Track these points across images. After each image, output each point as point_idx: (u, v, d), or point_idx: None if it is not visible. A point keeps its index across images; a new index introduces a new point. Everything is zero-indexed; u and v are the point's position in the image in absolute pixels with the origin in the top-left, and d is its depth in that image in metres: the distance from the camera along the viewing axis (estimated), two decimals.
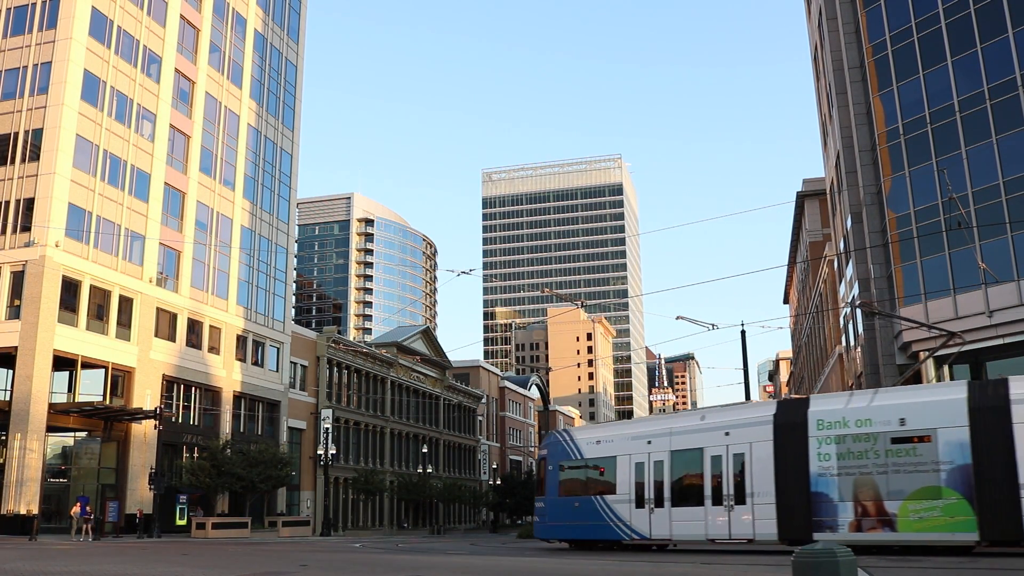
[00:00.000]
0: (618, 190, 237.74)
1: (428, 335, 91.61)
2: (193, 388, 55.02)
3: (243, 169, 62.00)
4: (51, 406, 44.24)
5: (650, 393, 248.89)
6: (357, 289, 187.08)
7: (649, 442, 27.28)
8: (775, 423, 24.06)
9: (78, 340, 45.68)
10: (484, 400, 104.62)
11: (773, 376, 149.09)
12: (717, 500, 24.89)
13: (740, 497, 24.37)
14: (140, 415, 47.10)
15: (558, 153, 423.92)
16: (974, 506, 20.21)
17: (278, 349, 64.22)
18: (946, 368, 38.58)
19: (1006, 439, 20.01)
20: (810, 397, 24.79)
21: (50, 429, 44.69)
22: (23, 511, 41.67)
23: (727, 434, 25.08)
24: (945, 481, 20.76)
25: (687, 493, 25.83)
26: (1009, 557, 19.59)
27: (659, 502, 26.47)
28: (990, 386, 21.24)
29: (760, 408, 25.29)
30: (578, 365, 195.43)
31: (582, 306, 65.74)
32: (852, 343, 47.75)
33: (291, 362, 65.69)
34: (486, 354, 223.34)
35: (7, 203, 46.17)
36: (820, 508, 22.63)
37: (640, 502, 27.01)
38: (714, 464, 25.19)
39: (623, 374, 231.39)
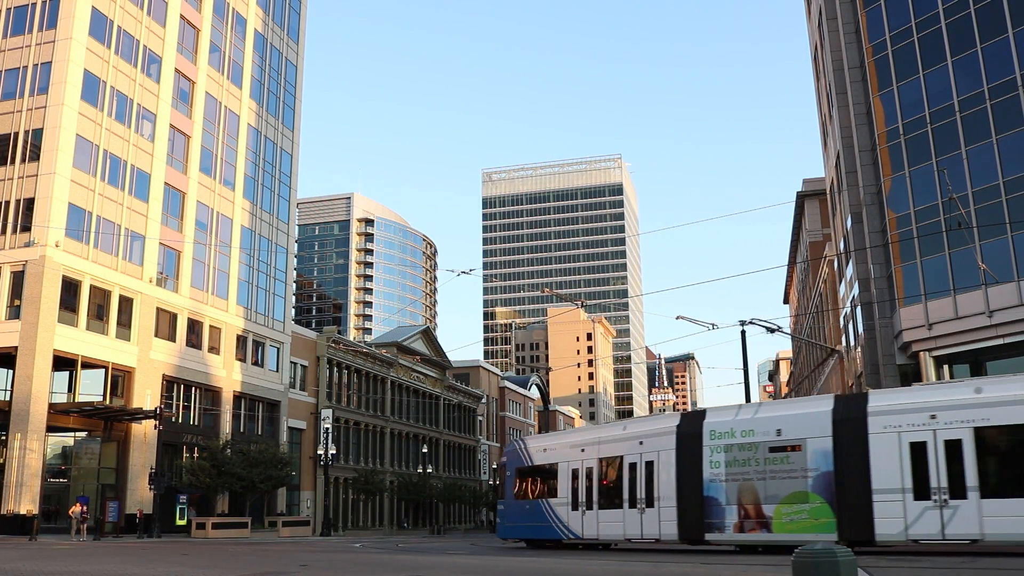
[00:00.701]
0: (618, 190, 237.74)
1: (428, 335, 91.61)
2: (193, 388, 55.02)
3: (243, 169, 62.00)
4: (51, 406, 44.24)
5: (650, 393, 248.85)
6: (357, 289, 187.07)
7: (583, 450, 29.84)
8: (677, 433, 26.22)
9: (78, 340, 45.68)
10: (484, 400, 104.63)
11: (773, 376, 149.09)
12: (632, 503, 27.21)
13: (650, 500, 26.63)
14: (140, 415, 47.09)
15: (558, 153, 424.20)
16: (834, 509, 22.24)
17: (278, 349, 64.22)
18: (946, 368, 38.63)
19: (862, 449, 21.89)
20: (707, 409, 26.52)
21: (50, 429, 44.69)
22: (23, 511, 41.67)
23: (641, 443, 27.40)
24: (811, 487, 22.75)
25: (610, 497, 28.24)
26: (1009, 557, 19.60)
27: (589, 505, 29.02)
28: (853, 400, 23.17)
29: (668, 420, 27.36)
30: (578, 365, 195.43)
31: (582, 306, 65.73)
32: (852, 343, 47.75)
33: (291, 362, 65.69)
34: (486, 354, 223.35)
35: (7, 203, 46.17)
36: (711, 511, 24.78)
37: (575, 505, 29.59)
38: (631, 470, 27.50)
39: (623, 374, 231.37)
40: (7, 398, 43.84)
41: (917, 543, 21.19)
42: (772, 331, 32.54)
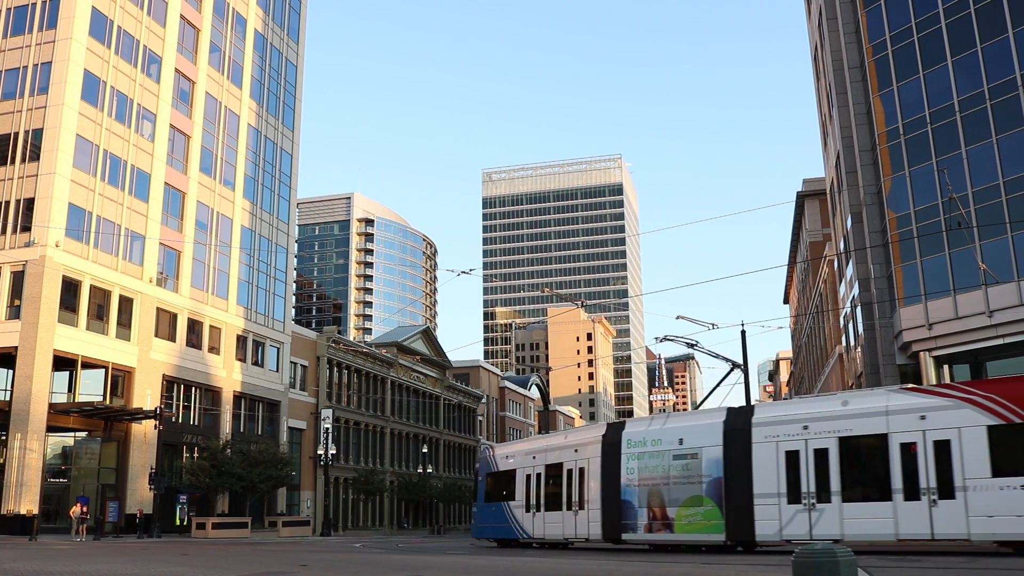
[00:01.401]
0: (618, 190, 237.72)
1: (428, 335, 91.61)
2: (193, 388, 55.02)
3: (243, 169, 62.01)
4: (51, 406, 44.25)
5: (650, 393, 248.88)
6: (357, 289, 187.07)
7: (534, 457, 32.44)
8: (602, 442, 28.67)
9: (78, 340, 45.69)
10: (484, 400, 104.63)
11: (773, 376, 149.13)
12: (569, 506, 29.79)
13: (582, 504, 29.19)
14: (140, 415, 47.10)
15: (558, 153, 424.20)
16: (723, 512, 24.44)
17: (278, 349, 64.23)
18: (946, 368, 38.63)
19: (747, 457, 24.05)
20: (627, 420, 29.35)
21: (50, 429, 44.69)
22: (23, 511, 41.67)
23: (576, 451, 29.94)
24: (705, 491, 25.06)
25: (553, 500, 30.85)
26: (1009, 557, 19.62)
27: (538, 507, 31.60)
28: (741, 412, 25.16)
29: (597, 429, 29.87)
30: (578, 365, 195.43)
31: (582, 306, 65.85)
32: (852, 343, 47.75)
33: (291, 362, 65.70)
34: (486, 354, 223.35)
35: (7, 203, 46.18)
36: (626, 513, 27.23)
37: (527, 508, 32.28)
38: (568, 476, 30.07)
39: (623, 374, 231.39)
40: (7, 398, 43.84)
41: (790, 543, 23.20)
42: (691, 345, 33.56)
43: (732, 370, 33.11)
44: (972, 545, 20.75)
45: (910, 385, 25.63)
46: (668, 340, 32.57)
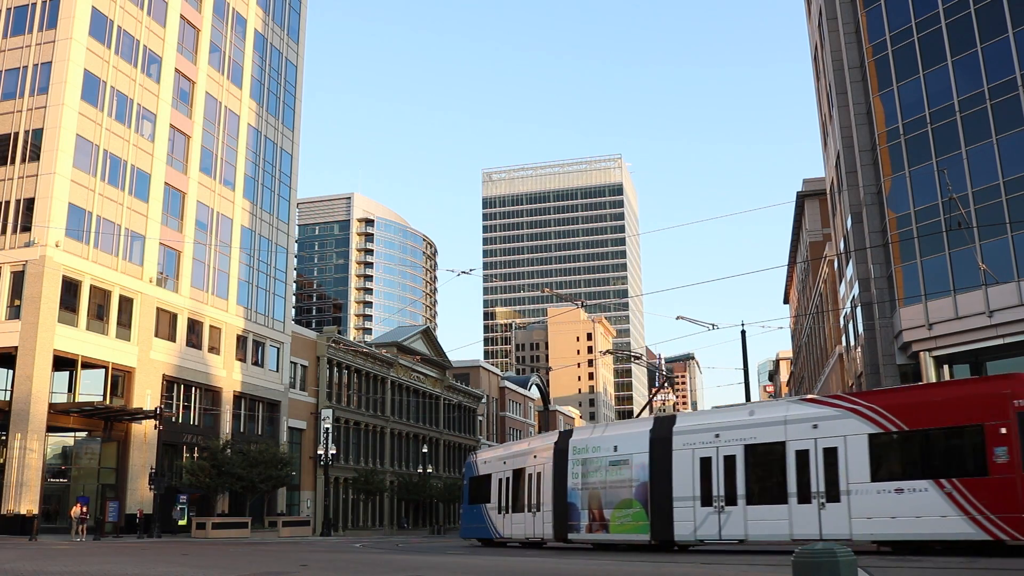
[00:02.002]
0: (618, 190, 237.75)
1: (428, 335, 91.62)
2: (193, 388, 55.03)
3: (243, 169, 62.02)
4: (51, 406, 44.25)
5: (650, 393, 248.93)
6: (357, 289, 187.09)
7: (504, 463, 34.93)
8: (554, 448, 30.87)
9: (78, 340, 45.69)
10: (484, 400, 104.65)
11: (773, 376, 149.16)
12: (528, 508, 32.08)
13: (539, 506, 31.32)
14: (140, 415, 47.11)
15: (558, 153, 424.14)
16: (648, 514, 26.40)
17: (278, 349, 64.24)
18: (946, 368, 38.64)
19: (668, 463, 25.91)
20: (575, 428, 31.67)
21: (50, 429, 44.70)
22: (23, 511, 41.68)
23: (535, 457, 32.36)
24: (634, 495, 27.01)
25: (517, 502, 33.21)
26: (1010, 557, 19.63)
27: (507, 509, 33.97)
28: (665, 420, 27.02)
29: (552, 436, 32.18)
30: (578, 365, 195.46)
31: (582, 306, 65.89)
32: (852, 343, 47.76)
33: (291, 362, 65.70)
34: (486, 354, 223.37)
35: (7, 203, 46.18)
36: (571, 515, 29.38)
37: (499, 509, 34.67)
38: (527, 480, 32.45)
39: (623, 374, 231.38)
40: (7, 398, 43.84)
41: (703, 543, 25.36)
42: (637, 358, 35.31)
43: (664, 384, 36.14)
44: (854, 544, 21.53)
45: (809, 396, 26.79)
46: (610, 353, 34.73)
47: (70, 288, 45.71)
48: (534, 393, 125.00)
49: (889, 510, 21.21)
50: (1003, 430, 19.92)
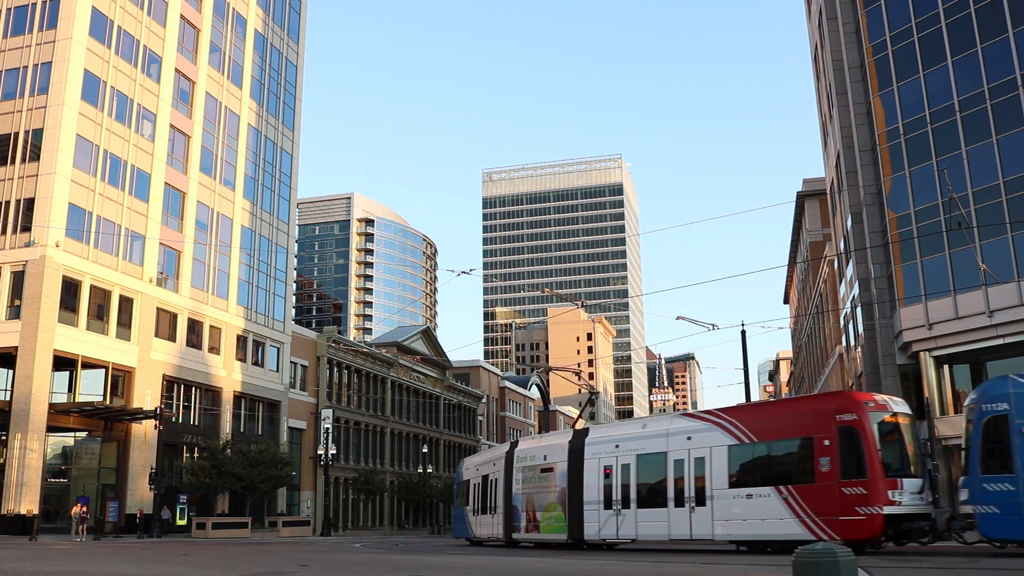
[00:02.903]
0: (618, 190, 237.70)
1: (428, 335, 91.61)
2: (193, 388, 55.02)
3: (243, 169, 62.01)
4: (51, 406, 44.24)
5: (650, 393, 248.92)
6: (357, 289, 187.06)
7: (477, 469, 38.48)
8: (505, 458, 34.68)
9: (78, 340, 45.69)
10: (484, 400, 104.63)
11: (773, 376, 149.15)
12: (491, 510, 35.59)
13: (495, 508, 35.11)
14: (140, 415, 47.10)
15: (558, 153, 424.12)
16: (566, 516, 29.76)
17: (278, 349, 64.23)
18: (946, 368, 38.64)
19: (580, 471, 29.27)
20: (520, 439, 35.85)
21: (50, 429, 44.69)
22: (23, 511, 41.68)
23: (494, 464, 35.88)
24: (557, 499, 30.53)
25: (483, 505, 36.79)
26: (1010, 557, 19.64)
27: (478, 511, 37.44)
28: (581, 433, 30.65)
29: (505, 446, 35.93)
30: (578, 365, 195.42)
31: (582, 306, 66.04)
32: (852, 343, 47.75)
33: (291, 362, 65.70)
34: (486, 354, 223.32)
35: (7, 203, 46.18)
36: (515, 517, 33.02)
37: (474, 511, 38.02)
38: (490, 485, 35.72)
39: (623, 374, 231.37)
40: (7, 398, 43.84)
41: (605, 542, 28.63)
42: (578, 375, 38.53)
43: (594, 395, 42.69)
44: (715, 544, 25.60)
45: (689, 411, 29.31)
46: (553, 371, 36.84)
47: (70, 288, 45.70)
48: (534, 393, 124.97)
49: (742, 514, 23.85)
50: (827, 442, 22.17)
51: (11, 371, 43.95)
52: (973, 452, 20.48)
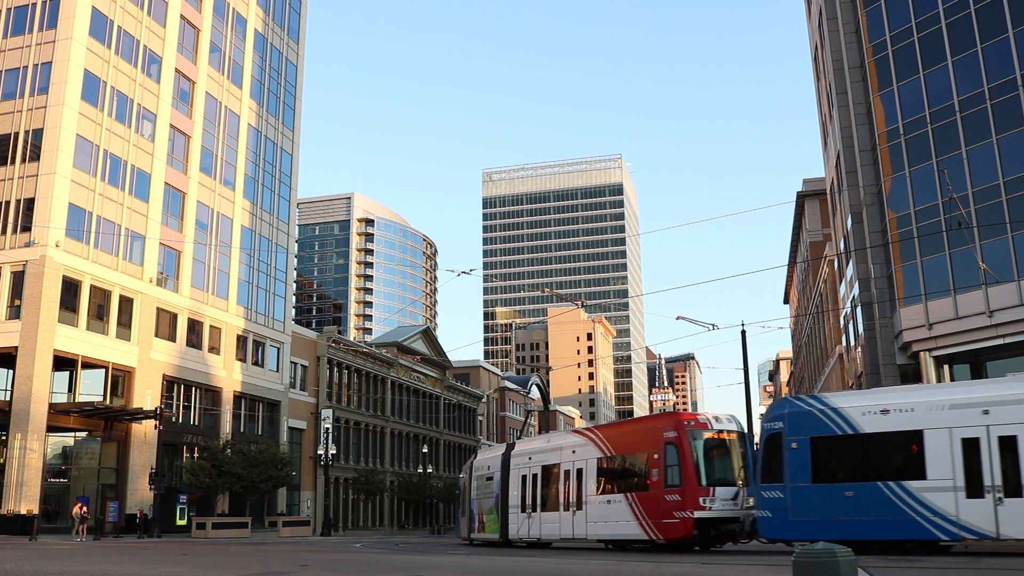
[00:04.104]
0: (618, 190, 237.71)
1: (428, 335, 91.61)
2: (193, 388, 55.03)
3: (243, 169, 62.01)
4: (51, 406, 44.25)
5: (650, 393, 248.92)
6: (357, 289, 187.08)
7: (462, 476, 41.61)
8: (469, 466, 39.40)
9: (78, 340, 45.69)
10: (484, 400, 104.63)
11: (773, 376, 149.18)
12: (463, 513, 39.82)
13: (464, 512, 39.47)
14: (140, 415, 47.10)
15: (558, 153, 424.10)
16: (499, 518, 34.29)
17: (278, 349, 64.24)
18: (947, 368, 38.62)
19: (507, 479, 33.91)
20: (479, 450, 40.44)
21: (50, 429, 44.71)
22: (23, 511, 41.68)
23: (465, 474, 40.04)
24: (494, 504, 35.10)
25: (463, 509, 40.21)
26: (1010, 557, 19.65)
27: (462, 514, 40.83)
28: (511, 446, 35.43)
29: (498, 451, 38.32)
30: (578, 365, 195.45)
31: (582, 306, 66.04)
32: (852, 343, 47.76)
33: (291, 362, 65.71)
34: (486, 354, 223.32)
35: (7, 203, 46.19)
36: (473, 520, 37.67)
37: (461, 514, 41.34)
38: (464, 491, 39.98)
39: (623, 374, 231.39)
40: (7, 398, 43.85)
41: (521, 540, 32.92)
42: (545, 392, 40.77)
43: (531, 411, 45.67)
44: (588, 543, 30.06)
45: (577, 428, 33.93)
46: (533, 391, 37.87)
47: (70, 288, 45.71)
48: (534, 393, 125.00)
49: (605, 517, 27.73)
50: (656, 456, 25.70)
51: (11, 371, 43.97)
52: (757, 464, 23.96)
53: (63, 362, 45.47)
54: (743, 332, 36.00)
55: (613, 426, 31.28)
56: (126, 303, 49.55)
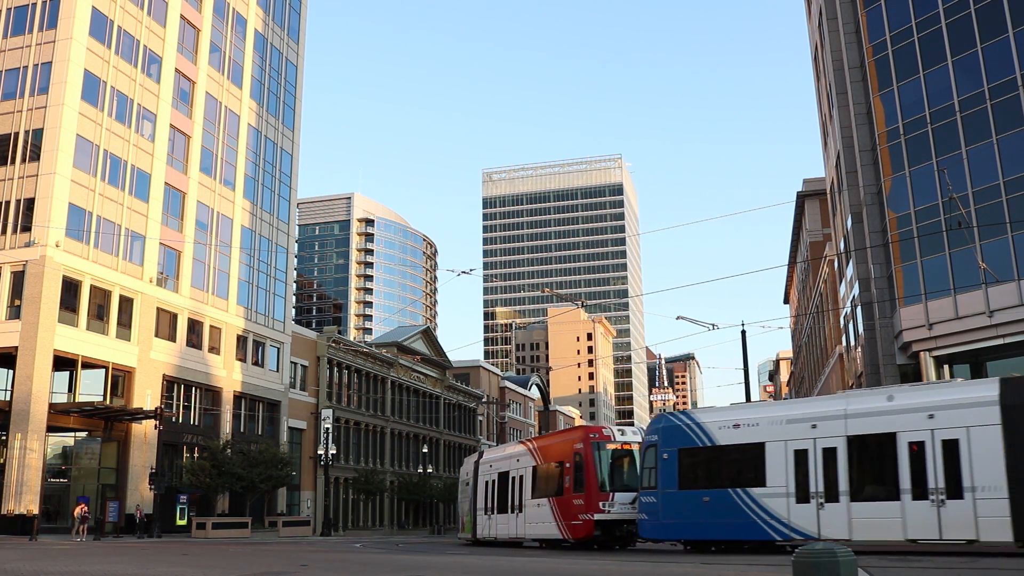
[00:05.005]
0: (618, 190, 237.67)
1: (428, 335, 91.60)
2: (193, 388, 55.02)
3: (243, 169, 62.01)
4: (51, 406, 44.24)
5: (650, 393, 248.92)
6: (357, 289, 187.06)
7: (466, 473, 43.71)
8: (461, 472, 43.35)
9: (78, 340, 45.69)
10: (484, 400, 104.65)
11: (773, 376, 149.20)
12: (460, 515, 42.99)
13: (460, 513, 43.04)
14: (140, 415, 47.10)
15: (558, 153, 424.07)
16: (473, 519, 38.07)
17: (278, 349, 64.23)
18: (947, 368, 38.63)
19: (476, 485, 38.02)
20: (466, 459, 43.20)
21: (50, 429, 44.70)
22: (23, 511, 41.68)
23: (468, 474, 41.49)
24: (469, 506, 38.86)
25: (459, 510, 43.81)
26: (1010, 557, 19.67)
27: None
28: (481, 453, 39.70)
29: (475, 458, 41.37)
30: (578, 365, 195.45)
31: (582, 306, 66.30)
32: (852, 343, 47.76)
33: (291, 362, 65.70)
34: (486, 354, 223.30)
35: (7, 203, 46.18)
36: (459, 519, 42.52)
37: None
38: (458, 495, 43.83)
39: (623, 374, 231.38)
40: (7, 398, 43.84)
41: (485, 539, 36.32)
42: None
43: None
44: (526, 540, 33.28)
45: (524, 439, 36.68)
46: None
47: (70, 288, 45.70)
48: (534, 393, 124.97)
49: (536, 519, 31.24)
50: (568, 465, 29.17)
51: (11, 371, 43.96)
52: (640, 473, 26.86)
53: (63, 362, 45.46)
54: (743, 332, 36.03)
55: (544, 438, 34.05)
56: (126, 303, 49.55)
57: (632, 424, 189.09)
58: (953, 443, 20.47)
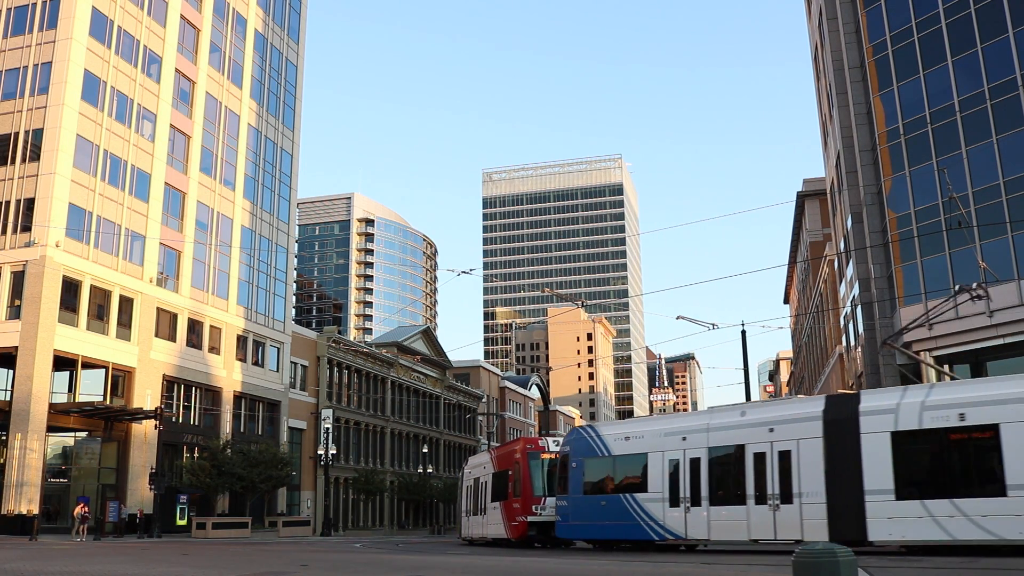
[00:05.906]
0: (618, 190, 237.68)
1: (428, 335, 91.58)
2: (193, 388, 55.02)
3: (243, 169, 62.01)
4: (51, 406, 44.25)
5: (650, 393, 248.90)
6: (357, 289, 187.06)
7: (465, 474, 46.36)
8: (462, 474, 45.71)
9: (78, 340, 45.69)
10: (484, 400, 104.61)
11: (773, 376, 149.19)
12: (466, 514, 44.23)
13: (465, 514, 44.28)
14: (140, 415, 47.10)
15: (558, 153, 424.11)
16: (462, 520, 41.91)
17: (278, 349, 64.23)
18: (947, 368, 38.59)
19: (463, 487, 42.08)
20: (471, 459, 44.33)
21: (50, 429, 44.70)
22: (23, 511, 41.69)
23: (469, 472, 43.47)
24: (462, 509, 42.78)
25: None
26: (1010, 557, 19.68)
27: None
28: (470, 460, 42.72)
29: (479, 457, 43.47)
30: (578, 365, 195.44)
31: (582, 306, 66.36)
32: (852, 343, 47.75)
33: (291, 362, 65.69)
34: (486, 354, 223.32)
35: (7, 203, 46.19)
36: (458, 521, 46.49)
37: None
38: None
39: (623, 374, 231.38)
40: (7, 398, 43.84)
41: (471, 539, 39.36)
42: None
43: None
44: (486, 540, 36.49)
45: (492, 447, 42.14)
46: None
47: (70, 288, 45.71)
48: (534, 393, 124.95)
49: (492, 520, 34.68)
50: (510, 472, 32.66)
51: (11, 371, 43.97)
52: (557, 480, 29.73)
53: (63, 362, 45.46)
54: (743, 332, 36.05)
55: (500, 448, 37.55)
56: (126, 303, 49.55)
57: None
58: (787, 454, 22.95)
